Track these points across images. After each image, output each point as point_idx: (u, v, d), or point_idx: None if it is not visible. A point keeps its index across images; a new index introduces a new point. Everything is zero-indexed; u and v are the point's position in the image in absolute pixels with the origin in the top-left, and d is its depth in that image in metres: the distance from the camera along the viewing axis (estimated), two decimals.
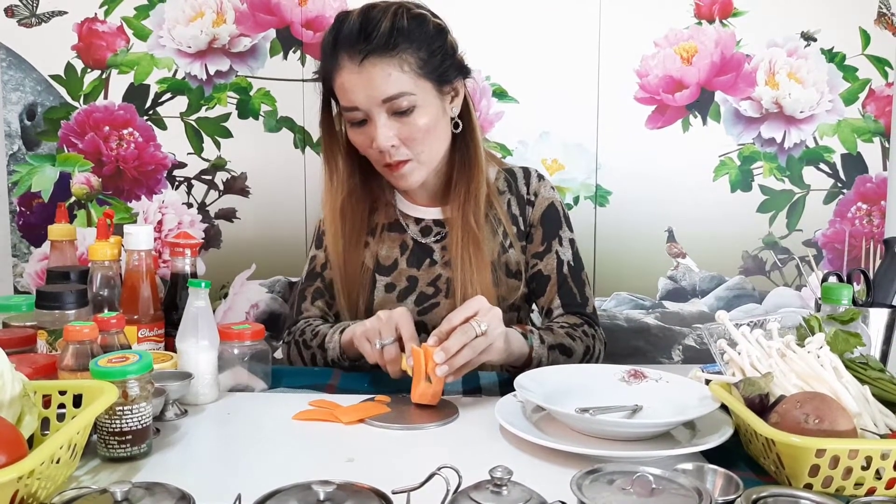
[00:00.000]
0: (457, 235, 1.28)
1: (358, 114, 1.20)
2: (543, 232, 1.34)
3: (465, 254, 1.27)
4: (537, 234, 1.34)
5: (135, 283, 1.13)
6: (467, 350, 1.03)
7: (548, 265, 1.33)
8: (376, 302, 1.33)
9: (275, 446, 0.93)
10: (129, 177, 1.71)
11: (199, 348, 1.06)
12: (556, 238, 1.34)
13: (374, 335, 1.10)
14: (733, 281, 1.76)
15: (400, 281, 1.33)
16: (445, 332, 1.05)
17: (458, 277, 1.27)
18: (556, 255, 1.33)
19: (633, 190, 1.74)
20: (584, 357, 1.25)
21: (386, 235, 1.35)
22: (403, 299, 1.32)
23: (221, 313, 1.73)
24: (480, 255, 1.27)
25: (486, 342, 1.04)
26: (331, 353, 1.23)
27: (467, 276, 1.27)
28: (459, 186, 1.30)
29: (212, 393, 1.07)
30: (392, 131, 1.19)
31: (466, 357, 1.03)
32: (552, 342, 1.20)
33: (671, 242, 1.74)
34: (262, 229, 1.74)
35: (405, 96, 1.18)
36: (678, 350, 1.76)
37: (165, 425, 0.98)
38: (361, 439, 0.96)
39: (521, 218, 1.35)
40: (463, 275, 1.27)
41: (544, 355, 1.18)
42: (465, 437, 0.96)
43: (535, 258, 1.34)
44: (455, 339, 1.02)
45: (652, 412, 1.00)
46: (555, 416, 0.96)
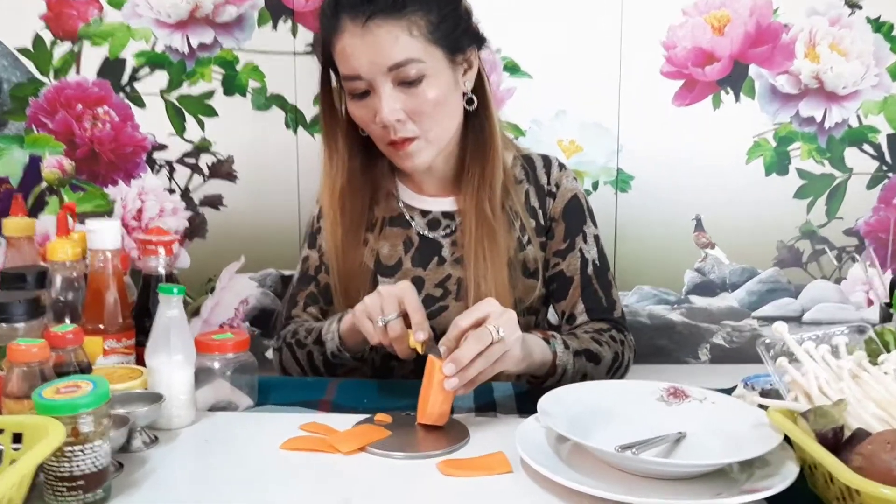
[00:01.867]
0: (470, 227, 1.15)
1: (360, 83, 1.07)
2: (566, 227, 1.20)
3: (479, 248, 1.14)
4: (559, 230, 1.21)
5: (100, 287, 0.99)
6: (481, 360, 0.89)
7: (570, 265, 1.19)
8: None
9: (259, 484, 0.79)
10: (105, 160, 1.57)
11: (173, 365, 0.92)
12: (580, 234, 1.20)
13: (376, 312, 0.97)
14: (767, 273, 1.63)
15: None
16: (454, 338, 0.92)
17: (470, 276, 1.14)
18: (579, 254, 1.19)
19: (658, 174, 1.60)
20: (613, 365, 1.11)
21: (388, 231, 1.22)
22: None
23: (209, 309, 1.60)
24: (496, 249, 1.14)
25: (502, 349, 0.91)
26: (329, 346, 1.10)
27: (481, 274, 1.14)
28: (473, 172, 1.17)
29: (187, 415, 0.93)
30: (398, 103, 1.06)
31: (480, 368, 0.90)
32: (577, 347, 1.07)
33: (699, 231, 1.61)
34: (251, 218, 1.61)
35: (413, 64, 1.05)
36: (705, 349, 1.63)
37: (131, 458, 0.84)
38: (359, 472, 0.83)
39: (540, 211, 1.21)
40: (476, 272, 1.14)
41: (569, 362, 1.04)
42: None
43: (557, 257, 1.21)
44: (467, 348, 0.88)
45: (698, 442, 0.86)
46: (592, 452, 0.82)
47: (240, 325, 1.59)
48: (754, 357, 1.63)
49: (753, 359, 1.63)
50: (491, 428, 0.95)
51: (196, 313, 1.59)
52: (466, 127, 1.16)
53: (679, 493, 0.76)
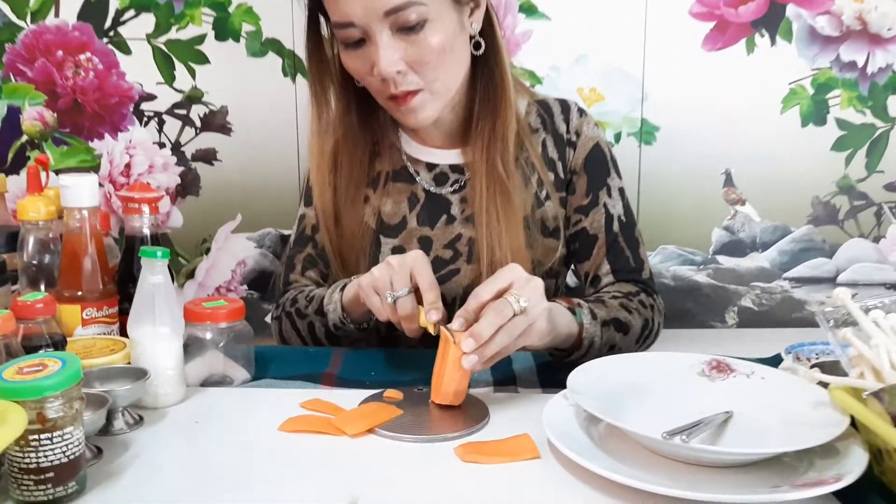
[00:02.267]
0: (480, 184, 1.04)
1: (354, 31, 0.95)
2: (588, 180, 1.10)
3: (490, 207, 1.04)
4: (580, 183, 1.10)
5: (76, 249, 0.89)
6: (502, 334, 0.80)
7: (594, 222, 1.09)
8: None
9: (254, 471, 0.70)
10: (89, 111, 1.46)
11: (158, 337, 0.82)
12: (604, 187, 1.10)
13: (385, 286, 0.87)
14: (800, 232, 1.54)
15: (410, 243, 1.10)
16: (473, 310, 0.82)
17: (482, 237, 1.04)
18: (603, 209, 1.09)
19: (686, 124, 1.50)
20: (643, 333, 1.02)
21: (391, 187, 1.11)
22: None
23: (204, 272, 1.50)
24: (510, 208, 1.04)
25: (526, 322, 0.81)
26: (331, 317, 1.00)
27: (494, 236, 1.04)
28: (483, 123, 1.06)
29: (175, 392, 0.84)
30: (398, 53, 0.95)
31: (501, 344, 0.80)
32: (605, 317, 0.97)
33: (728, 187, 1.51)
34: (247, 173, 1.51)
35: (413, 7, 0.93)
36: (733, 312, 1.54)
37: (112, 441, 0.75)
38: (366, 457, 0.73)
39: (559, 162, 1.11)
40: (489, 234, 1.04)
41: (597, 334, 0.95)
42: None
43: (579, 213, 1.10)
44: (487, 322, 0.79)
45: (747, 423, 0.77)
46: (633, 437, 0.72)
47: (237, 289, 1.50)
48: (784, 321, 1.55)
49: (783, 322, 1.56)
50: (512, 405, 0.86)
51: (190, 276, 1.50)
52: (474, 74, 1.06)
53: (730, 483, 0.67)
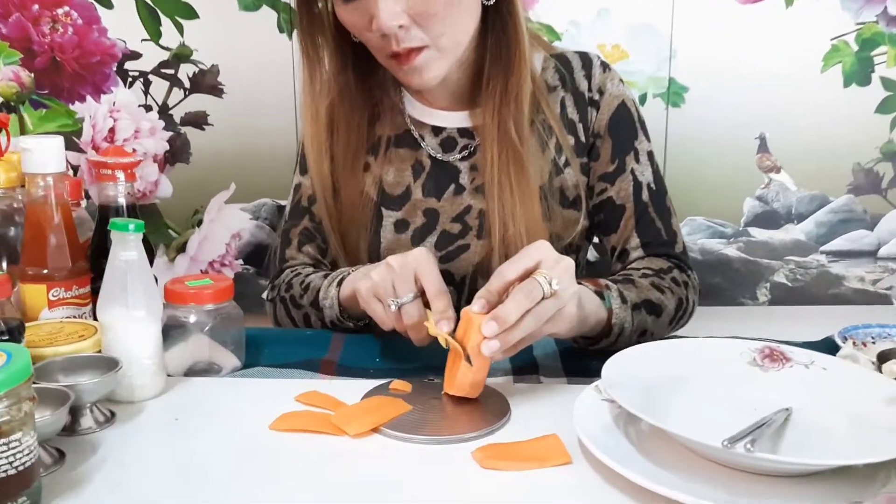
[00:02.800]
0: (491, 152, 0.94)
1: None
2: (613, 144, 0.99)
3: (503, 177, 0.94)
4: (605, 148, 1.00)
5: (40, 221, 0.79)
6: (530, 319, 0.70)
7: (621, 191, 0.99)
8: (384, 245, 1.00)
9: (241, 479, 0.60)
10: (69, 71, 1.35)
11: (132, 321, 0.72)
12: (631, 152, 0.99)
13: (387, 292, 0.78)
14: (839, 202, 1.44)
15: (414, 216, 1.00)
16: (496, 291, 0.72)
17: (494, 210, 0.94)
18: (631, 177, 0.99)
19: (717, 85, 1.39)
20: (676, 314, 0.92)
21: (393, 153, 1.01)
22: (420, 241, 1.00)
23: (196, 245, 1.40)
24: (525, 178, 0.94)
25: (556, 306, 0.71)
26: (328, 314, 0.92)
27: (507, 209, 0.94)
28: (494, 83, 0.95)
29: (153, 384, 0.74)
30: (399, 5, 0.85)
31: (528, 329, 0.70)
32: (636, 299, 0.87)
33: (763, 153, 1.41)
34: (241, 139, 1.41)
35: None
36: (765, 289, 1.44)
37: (77, 443, 0.66)
38: (370, 462, 0.64)
39: (580, 124, 1.00)
40: (501, 206, 0.94)
41: (627, 319, 0.85)
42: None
43: (604, 181, 1.00)
44: (514, 304, 0.69)
45: (812, 422, 0.67)
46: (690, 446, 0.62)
47: (231, 264, 1.40)
48: (820, 298, 1.45)
49: (819, 300, 1.45)
50: (535, 398, 0.75)
51: (181, 250, 1.40)
52: (485, 27, 0.95)
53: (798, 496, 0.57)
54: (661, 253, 0.98)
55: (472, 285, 0.99)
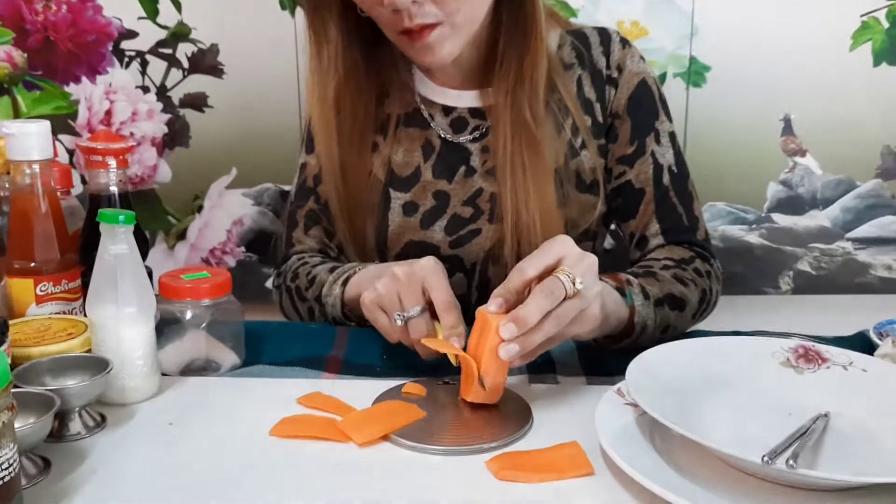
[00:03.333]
0: (504, 134, 0.90)
1: None
2: (632, 125, 0.95)
3: (516, 160, 0.90)
4: (624, 129, 0.95)
5: (26, 212, 0.74)
6: (552, 321, 0.65)
7: (640, 174, 0.94)
8: (391, 229, 0.96)
9: (238, 491, 0.56)
10: (63, 51, 1.29)
11: (123, 319, 0.68)
12: (652, 133, 0.95)
13: (392, 304, 0.74)
14: (867, 186, 1.37)
15: (424, 198, 0.95)
16: (516, 289, 0.67)
17: (506, 193, 0.90)
18: (651, 159, 0.94)
19: (740, 64, 1.32)
20: (700, 307, 0.88)
21: (402, 132, 0.96)
22: (430, 224, 0.95)
23: (196, 232, 1.35)
24: (539, 161, 0.90)
25: (579, 307, 0.67)
26: (330, 311, 0.88)
27: (520, 194, 0.90)
28: (508, 61, 0.91)
29: (147, 386, 0.70)
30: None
31: (549, 332, 0.65)
32: (658, 294, 0.82)
33: (787, 136, 1.34)
34: (242, 121, 1.34)
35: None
36: (787, 277, 1.38)
37: (65, 450, 0.62)
38: (379, 475, 0.59)
39: (597, 104, 0.95)
40: (514, 190, 0.90)
41: (650, 317, 0.80)
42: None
43: (622, 164, 0.95)
44: (535, 305, 0.64)
45: (852, 429, 0.62)
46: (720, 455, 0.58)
47: (233, 251, 1.36)
48: (846, 286, 1.39)
49: (844, 288, 1.39)
50: (553, 401, 0.71)
51: (181, 237, 1.35)
52: (499, 3, 0.90)
53: None
54: (682, 240, 0.94)
55: (483, 272, 0.95)
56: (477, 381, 0.66)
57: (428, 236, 0.95)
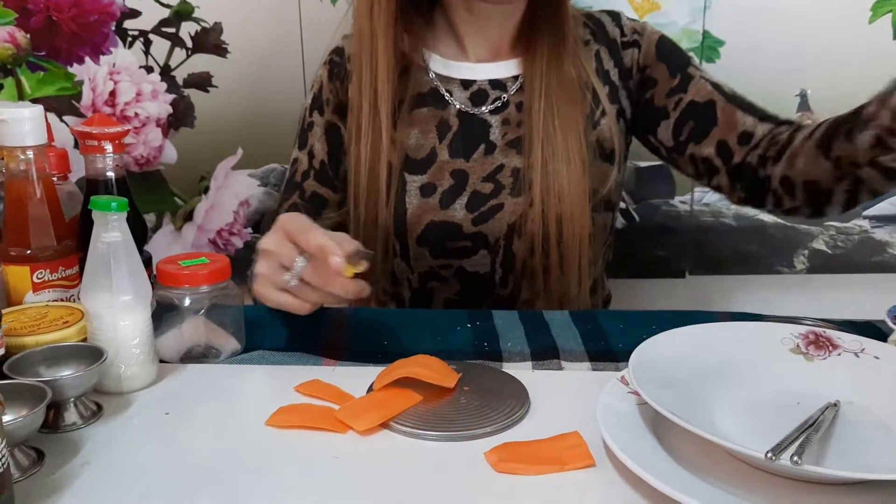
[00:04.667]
0: (539, 95, 0.93)
1: None
2: (669, 65, 0.97)
3: (548, 116, 0.91)
4: (660, 70, 0.97)
5: (21, 199, 0.73)
6: None
7: (700, 91, 0.95)
8: (410, 212, 0.95)
9: (234, 484, 0.55)
10: (66, 31, 1.27)
11: (118, 307, 0.67)
12: (691, 66, 0.98)
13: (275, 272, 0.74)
14: None
15: (441, 178, 0.95)
16: None
17: (535, 163, 0.91)
18: (703, 80, 0.96)
19: (755, 38, 1.27)
20: None
21: (416, 115, 0.96)
22: (449, 203, 0.95)
23: (202, 213, 1.34)
24: (571, 119, 0.93)
25: None
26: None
27: (549, 151, 0.91)
28: (542, 26, 0.94)
29: (144, 373, 0.69)
30: None
31: None
32: None
33: (804, 111, 1.30)
34: (247, 101, 1.31)
35: None
36: (802, 256, 1.34)
37: (59, 441, 0.61)
38: (378, 462, 0.58)
39: (616, 69, 0.98)
40: (544, 146, 0.91)
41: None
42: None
43: (675, 93, 0.96)
44: None
45: (861, 417, 0.60)
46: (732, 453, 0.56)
47: (240, 232, 1.34)
48: (862, 265, 1.35)
49: (861, 268, 1.36)
50: (556, 388, 0.70)
51: (188, 218, 1.34)
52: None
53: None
54: (780, 121, 0.93)
55: (507, 246, 0.94)
56: None
57: (449, 215, 0.94)
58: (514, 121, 0.95)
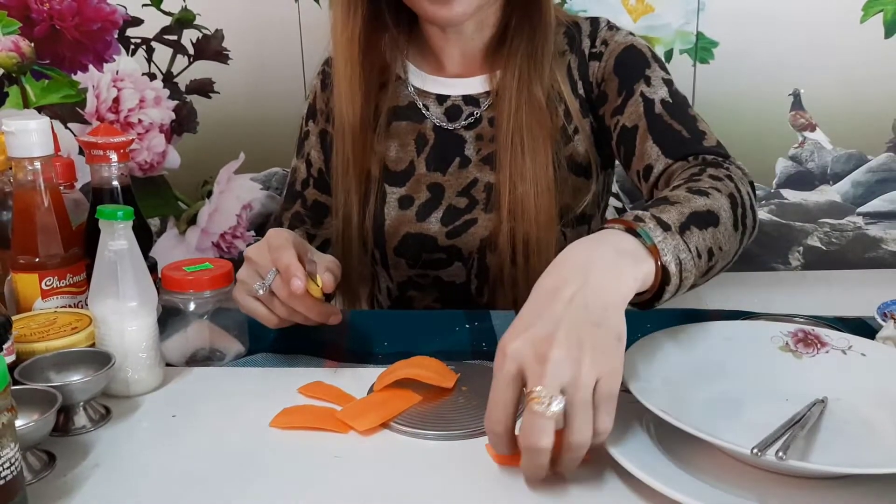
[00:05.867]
0: (508, 109, 0.90)
1: None
2: (620, 80, 0.91)
3: (516, 139, 0.90)
4: (612, 87, 0.92)
5: (29, 208, 0.75)
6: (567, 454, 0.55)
7: (632, 114, 0.88)
8: (388, 223, 0.97)
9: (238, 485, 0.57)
10: (69, 39, 1.29)
11: (125, 313, 0.69)
12: (641, 80, 0.89)
13: (251, 279, 0.74)
14: (878, 160, 1.33)
15: (419, 191, 0.96)
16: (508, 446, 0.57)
17: (504, 179, 0.90)
18: (641, 98, 0.88)
19: (748, 38, 1.28)
20: (736, 213, 0.71)
21: (395, 127, 0.97)
22: (425, 216, 0.96)
23: (206, 217, 1.36)
24: (540, 140, 0.90)
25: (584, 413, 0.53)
26: None
27: (516, 178, 0.89)
28: (518, 41, 0.91)
29: (150, 377, 0.71)
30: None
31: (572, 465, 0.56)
32: (678, 219, 0.64)
33: (797, 111, 1.31)
34: (249, 106, 1.34)
35: None
36: (797, 253, 1.36)
37: (69, 444, 0.63)
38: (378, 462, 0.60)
39: (580, 81, 0.94)
40: (511, 174, 0.89)
41: (681, 249, 0.62)
42: None
43: (615, 115, 0.91)
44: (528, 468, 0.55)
45: (851, 415, 0.62)
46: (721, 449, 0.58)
47: (244, 235, 1.36)
48: (857, 262, 1.37)
49: (855, 264, 1.38)
50: None
51: (192, 222, 1.36)
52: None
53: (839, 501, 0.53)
54: (686, 153, 0.83)
55: (480, 259, 0.95)
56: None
57: (424, 228, 0.95)
58: (487, 136, 0.94)
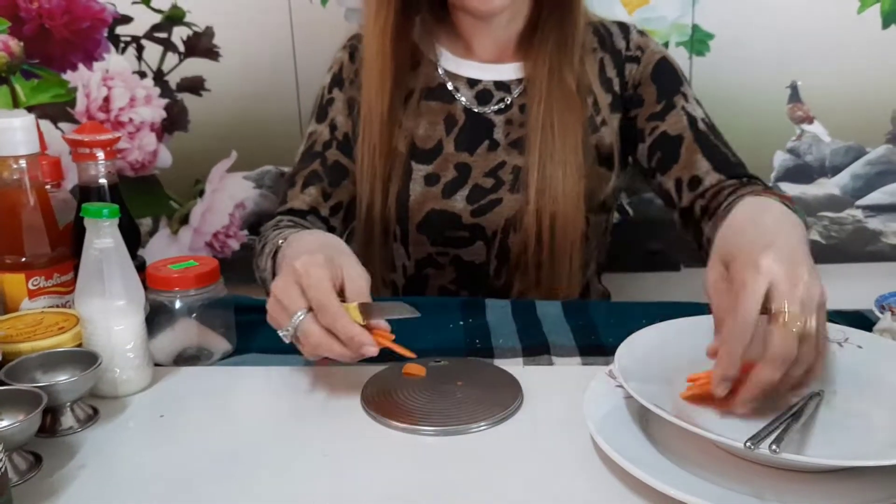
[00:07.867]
0: (539, 100, 0.94)
1: None
2: (658, 88, 0.98)
3: (546, 126, 0.93)
4: (649, 92, 0.98)
5: (15, 207, 0.74)
6: None
7: (675, 123, 0.96)
8: (413, 198, 0.98)
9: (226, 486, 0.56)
10: (59, 38, 1.28)
11: (111, 312, 0.68)
12: (679, 94, 0.97)
13: (282, 321, 0.67)
14: (877, 153, 1.32)
15: (446, 170, 0.98)
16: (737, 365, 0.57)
17: (533, 163, 0.93)
18: (683, 112, 0.96)
19: (744, 31, 1.26)
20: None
21: (425, 106, 0.99)
22: (451, 194, 0.97)
23: (199, 216, 1.35)
24: (570, 125, 0.94)
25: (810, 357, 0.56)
26: (265, 278, 0.84)
27: (546, 163, 0.92)
28: (549, 30, 0.96)
29: (138, 377, 0.70)
30: None
31: None
32: None
33: (795, 103, 1.30)
34: (240, 104, 1.32)
35: None
36: None
37: (56, 445, 0.62)
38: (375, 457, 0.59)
39: (617, 79, 0.99)
40: (541, 160, 0.92)
41: None
42: (535, 449, 0.60)
43: (653, 120, 0.97)
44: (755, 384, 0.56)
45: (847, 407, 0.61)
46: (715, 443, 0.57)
47: (237, 234, 1.35)
48: (856, 255, 1.36)
49: (855, 257, 1.36)
50: (547, 382, 0.71)
51: (184, 222, 1.35)
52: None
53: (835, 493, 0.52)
54: (738, 174, 0.91)
55: (503, 240, 0.97)
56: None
57: (449, 205, 0.96)
58: (517, 121, 0.97)
